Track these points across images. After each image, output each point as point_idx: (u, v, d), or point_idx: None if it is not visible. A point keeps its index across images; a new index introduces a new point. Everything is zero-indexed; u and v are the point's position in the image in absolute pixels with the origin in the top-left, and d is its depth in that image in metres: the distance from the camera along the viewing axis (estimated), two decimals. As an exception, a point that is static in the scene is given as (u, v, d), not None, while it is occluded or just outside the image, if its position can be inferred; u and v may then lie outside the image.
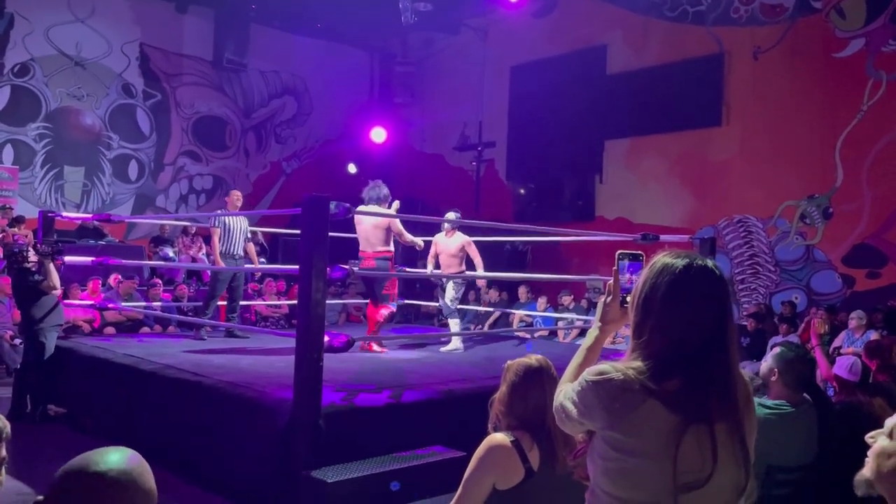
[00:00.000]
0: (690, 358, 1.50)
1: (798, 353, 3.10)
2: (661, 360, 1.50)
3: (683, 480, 1.45)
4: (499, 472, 2.23)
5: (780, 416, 2.99)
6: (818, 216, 10.25)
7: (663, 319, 1.52)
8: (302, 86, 15.19)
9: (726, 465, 1.48)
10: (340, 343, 4.44)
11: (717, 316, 1.53)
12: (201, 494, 4.55)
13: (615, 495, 1.52)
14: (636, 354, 1.54)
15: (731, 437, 1.50)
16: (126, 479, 1.34)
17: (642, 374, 1.49)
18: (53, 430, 6.05)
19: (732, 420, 1.50)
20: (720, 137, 11.17)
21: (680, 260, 1.55)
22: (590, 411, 1.55)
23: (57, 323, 6.47)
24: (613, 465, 1.51)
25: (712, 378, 1.49)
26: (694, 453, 1.45)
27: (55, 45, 12.24)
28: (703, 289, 1.53)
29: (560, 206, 13.08)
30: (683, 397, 1.47)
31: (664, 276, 1.54)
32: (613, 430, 1.50)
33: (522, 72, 13.69)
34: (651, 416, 1.47)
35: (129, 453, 1.40)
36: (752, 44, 10.84)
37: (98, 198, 12.79)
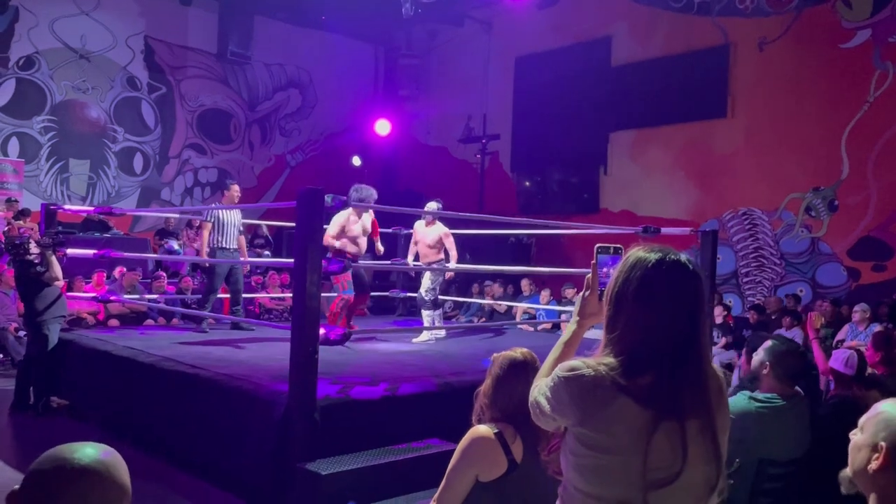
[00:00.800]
0: (662, 353, 1.48)
1: (790, 346, 3.08)
2: (633, 356, 1.49)
3: (653, 477, 1.44)
4: (482, 464, 2.23)
5: (771, 410, 2.98)
6: (823, 209, 10.18)
7: (635, 314, 1.51)
8: (306, 78, 15.18)
9: (697, 462, 1.47)
10: (336, 336, 4.46)
11: (689, 311, 1.51)
12: (198, 485, 4.58)
13: (586, 491, 1.51)
14: (608, 350, 1.53)
15: (703, 433, 1.48)
16: (99, 471, 1.34)
17: (613, 371, 1.48)
18: (56, 421, 6.10)
19: (704, 416, 1.49)
20: (725, 129, 11.10)
21: (653, 254, 1.53)
22: (562, 407, 1.53)
23: (60, 314, 6.51)
24: (584, 462, 1.50)
25: (684, 374, 1.48)
26: (664, 450, 1.44)
27: (60, 38, 12.27)
28: (676, 284, 1.51)
29: (564, 198, 13.04)
30: (654, 393, 1.45)
31: (636, 271, 1.52)
32: (584, 427, 1.49)
33: (527, 63, 13.64)
34: (622, 413, 1.46)
35: (103, 448, 1.40)
36: (758, 34, 10.75)
37: (103, 191, 12.84)
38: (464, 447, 2.26)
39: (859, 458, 1.52)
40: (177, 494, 4.45)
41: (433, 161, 15.06)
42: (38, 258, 6.26)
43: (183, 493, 4.46)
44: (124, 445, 5.12)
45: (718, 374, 1.57)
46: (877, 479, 1.47)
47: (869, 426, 1.52)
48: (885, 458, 1.45)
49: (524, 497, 2.22)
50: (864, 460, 1.50)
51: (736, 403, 3.02)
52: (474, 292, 11.86)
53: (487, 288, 11.59)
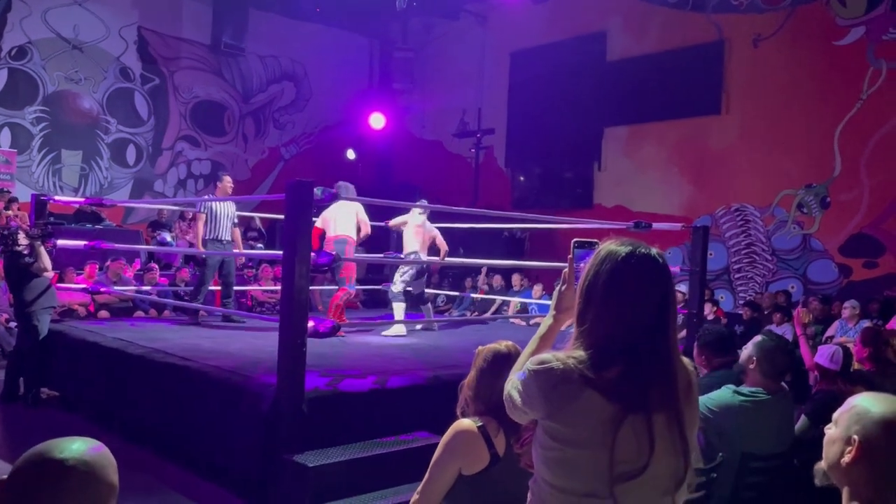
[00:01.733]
0: (630, 346, 1.49)
1: (778, 342, 3.10)
2: (602, 349, 1.50)
3: (620, 470, 1.44)
4: (464, 457, 2.23)
5: (755, 404, 2.99)
6: (816, 205, 10.20)
7: (604, 307, 1.51)
8: (301, 71, 15.13)
9: (663, 456, 1.47)
10: (326, 328, 4.45)
11: (657, 304, 1.52)
12: (187, 477, 4.59)
13: (554, 484, 1.52)
14: (578, 343, 1.53)
15: (670, 426, 1.49)
16: (85, 468, 1.34)
17: (582, 364, 1.48)
18: (46, 412, 6.10)
19: (671, 410, 1.49)
20: (719, 125, 11.10)
21: (623, 247, 1.54)
22: (531, 401, 1.54)
23: (49, 305, 6.49)
24: (553, 455, 1.51)
25: (652, 367, 1.49)
26: (631, 443, 1.45)
27: (53, 28, 12.20)
28: (645, 277, 1.52)
29: (559, 193, 13.05)
30: (622, 387, 1.46)
31: (607, 264, 1.53)
32: (553, 420, 1.50)
33: (522, 58, 13.62)
34: (589, 406, 1.46)
35: (92, 443, 1.40)
36: (752, 31, 10.75)
37: (96, 182, 12.79)
38: (447, 440, 2.27)
39: (833, 451, 1.53)
40: (166, 486, 4.45)
41: (428, 155, 15.04)
42: (27, 249, 6.24)
43: (172, 485, 4.46)
44: (113, 437, 5.10)
45: (688, 369, 1.58)
46: (850, 472, 1.48)
47: (842, 420, 1.53)
48: (857, 452, 1.46)
49: (507, 490, 2.22)
50: (838, 454, 1.51)
51: (720, 397, 3.04)
52: (467, 286, 11.87)
53: (486, 279, 11.60)
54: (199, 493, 4.31)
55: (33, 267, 6.22)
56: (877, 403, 1.50)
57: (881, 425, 1.46)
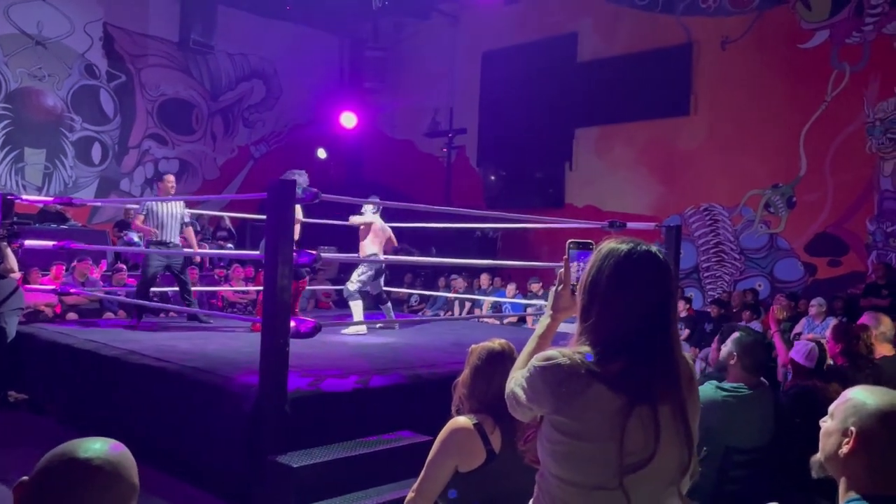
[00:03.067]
0: (635, 340, 1.53)
1: (756, 337, 3.17)
2: (607, 344, 1.54)
3: (628, 461, 1.48)
4: (461, 454, 2.25)
5: (737, 399, 3.06)
6: (782, 205, 10.43)
7: (608, 303, 1.55)
8: (270, 69, 15.00)
9: (669, 445, 1.51)
10: (307, 328, 4.43)
11: (659, 299, 1.56)
12: (166, 480, 4.52)
13: (563, 478, 1.54)
14: (583, 339, 1.57)
15: (674, 417, 1.53)
16: (111, 468, 1.34)
17: (589, 361, 1.52)
18: (15, 415, 5.96)
19: (675, 400, 1.54)
20: (688, 126, 11.29)
21: (624, 245, 1.59)
22: (538, 396, 1.57)
23: (17, 307, 6.36)
24: (561, 449, 1.54)
25: (655, 360, 1.53)
26: (638, 434, 1.49)
27: (15, 23, 11.92)
28: (646, 273, 1.57)
29: (530, 193, 13.12)
30: (628, 379, 1.50)
31: (609, 260, 1.57)
32: (560, 415, 1.53)
33: (493, 58, 13.68)
34: (596, 400, 1.50)
35: (112, 443, 1.40)
36: (720, 34, 10.95)
37: (60, 181, 12.54)
38: (443, 438, 2.28)
39: (830, 443, 1.58)
40: (146, 490, 4.37)
41: (399, 154, 15.02)
42: None
43: (152, 489, 4.38)
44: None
45: (689, 362, 1.63)
46: (847, 463, 1.53)
47: (838, 412, 1.58)
48: (854, 443, 1.51)
49: (503, 487, 2.25)
50: (835, 445, 1.55)
51: (703, 393, 3.09)
52: (440, 286, 11.89)
53: (454, 281, 11.64)
54: (182, 497, 4.25)
55: (0, 268, 6.10)
56: (872, 396, 1.55)
57: (877, 417, 1.50)
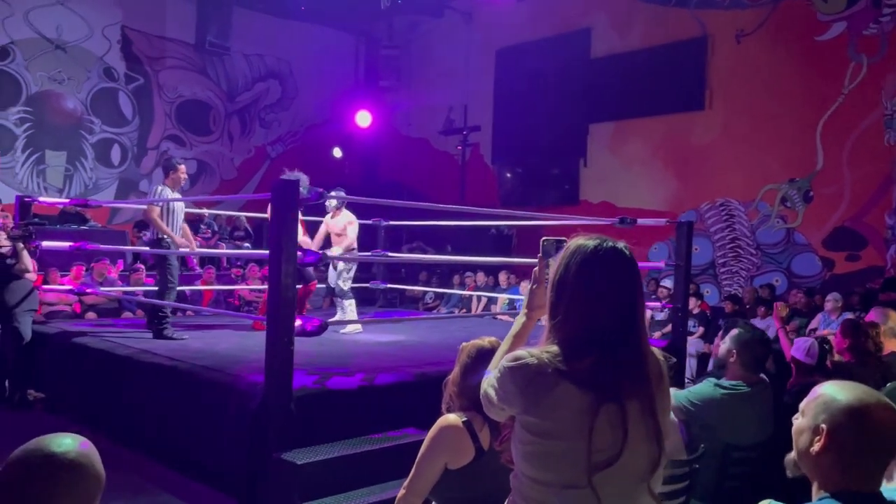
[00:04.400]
0: (602, 337, 1.53)
1: (755, 334, 3.15)
2: (574, 341, 1.54)
3: (597, 459, 1.48)
4: (450, 451, 2.27)
5: (736, 397, 3.05)
6: (799, 199, 10.31)
7: (575, 300, 1.56)
8: (286, 69, 15.10)
9: (638, 442, 1.51)
10: (313, 327, 4.46)
11: (626, 296, 1.57)
12: (176, 477, 4.59)
13: (534, 478, 1.55)
14: (551, 337, 1.58)
15: (643, 413, 1.53)
16: (80, 462, 1.38)
17: (556, 357, 1.52)
18: (33, 414, 6.07)
19: (644, 397, 1.53)
20: (703, 121, 11.19)
21: (591, 241, 1.59)
22: (508, 397, 1.58)
23: (31, 308, 6.43)
24: (532, 449, 1.54)
25: (623, 357, 1.53)
26: (606, 432, 1.49)
27: (35, 28, 12.11)
28: (613, 269, 1.57)
29: (544, 189, 13.10)
30: (595, 377, 1.50)
31: (576, 257, 1.58)
32: (530, 415, 1.53)
33: (507, 55, 13.66)
34: (564, 398, 1.50)
35: (80, 440, 1.44)
36: (735, 27, 10.84)
37: (80, 182, 12.72)
38: (433, 435, 2.30)
39: (802, 441, 1.57)
40: (155, 486, 4.45)
41: (414, 152, 15.06)
42: (9, 250, 6.19)
43: (161, 486, 4.46)
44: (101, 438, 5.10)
45: (658, 357, 1.63)
46: (818, 461, 1.52)
47: (809, 409, 1.57)
48: (825, 440, 1.50)
49: (492, 483, 2.26)
50: (807, 443, 1.54)
51: (702, 390, 3.09)
52: (455, 283, 11.90)
53: (468, 278, 11.64)
54: (189, 493, 4.31)
55: (14, 268, 6.17)
56: (842, 391, 1.53)
57: (847, 413, 1.49)
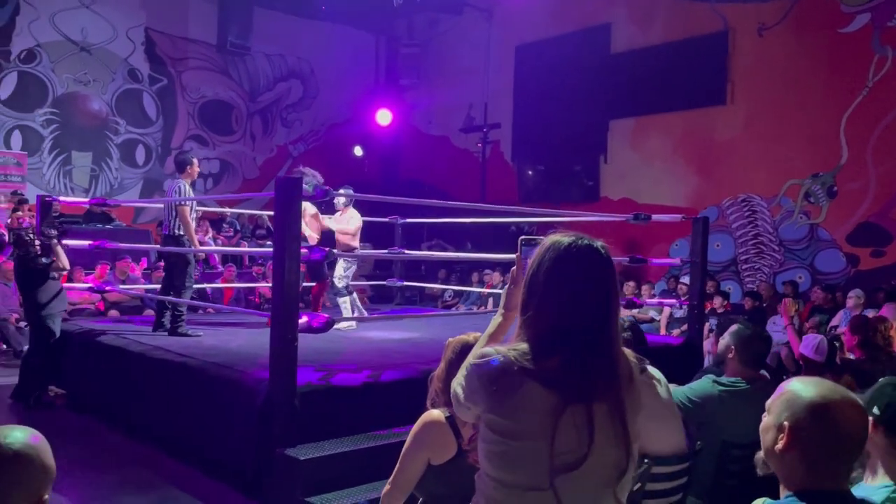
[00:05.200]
0: (572, 337, 1.49)
1: (755, 331, 3.10)
2: (543, 339, 1.50)
3: (560, 462, 1.44)
4: (433, 447, 2.27)
5: (734, 394, 3.01)
6: (822, 195, 10.13)
7: (546, 297, 1.52)
8: (307, 69, 15.20)
9: (605, 446, 1.47)
10: (319, 323, 4.49)
11: (599, 295, 1.53)
12: (188, 471, 4.65)
13: (498, 479, 1.51)
14: (521, 334, 1.54)
15: (611, 416, 1.49)
16: (28, 453, 1.42)
17: (523, 355, 1.49)
18: (53, 410, 6.18)
19: (613, 400, 1.49)
20: (725, 116, 11.04)
21: (567, 238, 1.55)
22: (473, 395, 1.55)
23: (62, 309, 6.52)
24: (495, 449, 1.51)
25: (593, 357, 1.49)
26: (571, 434, 1.45)
27: (61, 30, 12.34)
28: (587, 267, 1.53)
29: (565, 186, 13.01)
30: (563, 377, 1.46)
31: (549, 254, 1.54)
32: (494, 414, 1.50)
33: (527, 52, 13.60)
34: (529, 398, 1.46)
35: (31, 432, 1.48)
36: (757, 20, 10.67)
37: (106, 182, 12.94)
38: (416, 431, 2.31)
39: (767, 439, 1.55)
40: (165, 481, 4.51)
41: (434, 150, 15.07)
42: (41, 250, 6.26)
43: (171, 480, 4.52)
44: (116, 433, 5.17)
45: (630, 359, 1.59)
46: (783, 459, 1.50)
47: (774, 407, 1.54)
48: (788, 438, 1.48)
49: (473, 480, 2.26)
50: (772, 441, 1.52)
51: (700, 387, 3.06)
52: (474, 281, 11.91)
53: (486, 276, 11.64)
54: (199, 488, 4.37)
55: (52, 266, 6.24)
56: (806, 388, 1.50)
57: (809, 409, 1.46)
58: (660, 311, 9.65)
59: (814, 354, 3.47)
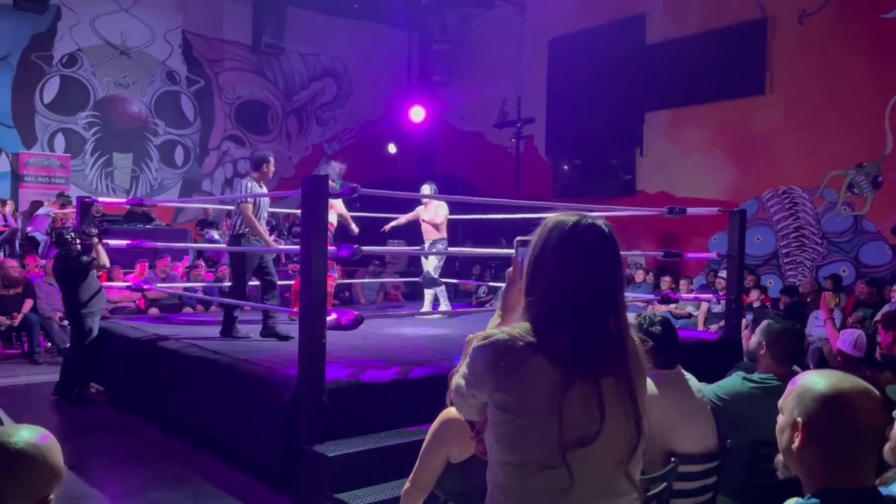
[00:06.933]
0: (579, 313, 1.48)
1: (786, 325, 3.02)
2: (549, 317, 1.49)
3: (571, 437, 1.43)
4: (452, 445, 2.26)
5: (766, 391, 2.92)
6: (867, 185, 9.83)
7: (553, 275, 1.51)
8: (341, 67, 15.29)
9: (614, 422, 1.46)
10: (348, 321, 4.51)
11: (607, 272, 1.52)
12: (220, 467, 4.72)
13: (508, 461, 1.50)
14: (525, 314, 1.53)
15: (619, 391, 1.48)
16: (33, 453, 1.42)
17: (528, 333, 1.48)
18: (92, 407, 6.33)
19: (621, 377, 1.48)
20: (764, 106, 10.78)
21: (570, 217, 1.55)
22: (479, 379, 1.53)
23: (101, 307, 6.65)
24: (505, 429, 1.49)
25: (600, 334, 1.48)
26: (579, 408, 1.44)
27: (101, 35, 12.61)
28: (592, 246, 1.52)
29: (601, 180, 12.87)
30: (570, 353, 1.45)
31: (554, 233, 1.53)
32: (502, 392, 1.48)
33: (560, 45, 13.47)
34: (536, 373, 1.45)
35: (40, 431, 1.48)
36: (797, 7, 10.39)
37: (146, 183, 13.20)
38: (435, 429, 2.29)
39: (784, 439, 1.49)
40: (199, 476, 4.58)
41: (468, 146, 15.02)
42: (81, 248, 6.39)
43: (205, 476, 4.59)
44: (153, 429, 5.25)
45: (635, 338, 1.58)
46: (802, 458, 1.44)
47: (787, 405, 1.49)
48: (803, 435, 1.42)
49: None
50: (788, 441, 1.47)
51: (730, 384, 2.99)
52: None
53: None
54: (229, 483, 4.43)
55: (94, 264, 6.36)
56: (817, 381, 1.45)
57: (821, 402, 1.41)
58: (697, 307, 9.48)
59: (852, 350, 3.36)
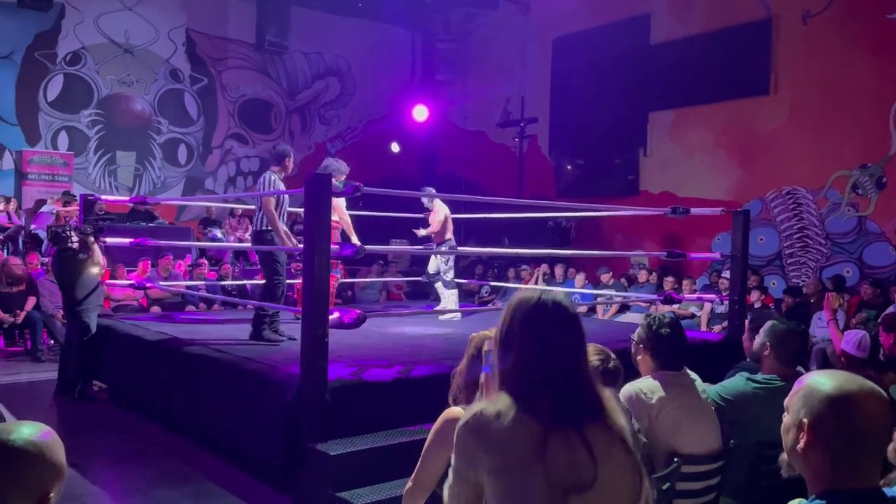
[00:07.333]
0: (550, 376, 1.57)
1: (790, 326, 3.00)
2: (524, 381, 1.58)
3: (565, 484, 1.47)
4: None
5: (769, 391, 2.91)
6: (871, 186, 9.81)
7: (525, 343, 1.60)
8: (345, 66, 15.28)
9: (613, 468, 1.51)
10: (351, 319, 4.50)
11: (572, 339, 1.62)
12: (220, 465, 4.71)
13: None
14: (501, 386, 1.61)
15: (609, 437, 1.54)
16: (33, 450, 1.41)
17: (507, 400, 1.56)
18: (95, 404, 6.32)
19: (602, 421, 1.55)
20: (768, 106, 10.76)
21: (533, 295, 1.66)
22: (468, 455, 1.56)
23: (98, 303, 6.68)
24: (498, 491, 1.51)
25: (575, 388, 1.58)
26: (567, 456, 1.48)
27: (105, 33, 12.62)
28: (557, 315, 1.62)
29: (604, 180, 12.85)
30: (548, 407, 1.53)
31: (521, 307, 1.64)
32: (491, 455, 1.51)
33: (564, 44, 13.46)
34: (519, 431, 1.51)
35: (42, 428, 1.47)
36: (802, 7, 10.37)
37: (149, 181, 13.21)
38: (437, 428, 2.29)
39: (789, 439, 1.49)
40: (201, 475, 4.58)
41: (471, 146, 15.01)
42: (78, 245, 6.42)
43: (207, 474, 4.59)
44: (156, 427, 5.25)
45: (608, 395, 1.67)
46: (807, 458, 1.44)
47: (792, 405, 1.49)
48: (808, 435, 1.42)
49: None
50: (793, 441, 1.46)
51: (733, 385, 2.98)
52: (511, 277, 11.84)
53: (523, 272, 11.56)
54: (231, 481, 4.42)
55: (87, 262, 6.39)
56: (823, 381, 1.45)
57: (827, 403, 1.40)
58: (701, 307, 9.47)
59: (856, 350, 3.35)
